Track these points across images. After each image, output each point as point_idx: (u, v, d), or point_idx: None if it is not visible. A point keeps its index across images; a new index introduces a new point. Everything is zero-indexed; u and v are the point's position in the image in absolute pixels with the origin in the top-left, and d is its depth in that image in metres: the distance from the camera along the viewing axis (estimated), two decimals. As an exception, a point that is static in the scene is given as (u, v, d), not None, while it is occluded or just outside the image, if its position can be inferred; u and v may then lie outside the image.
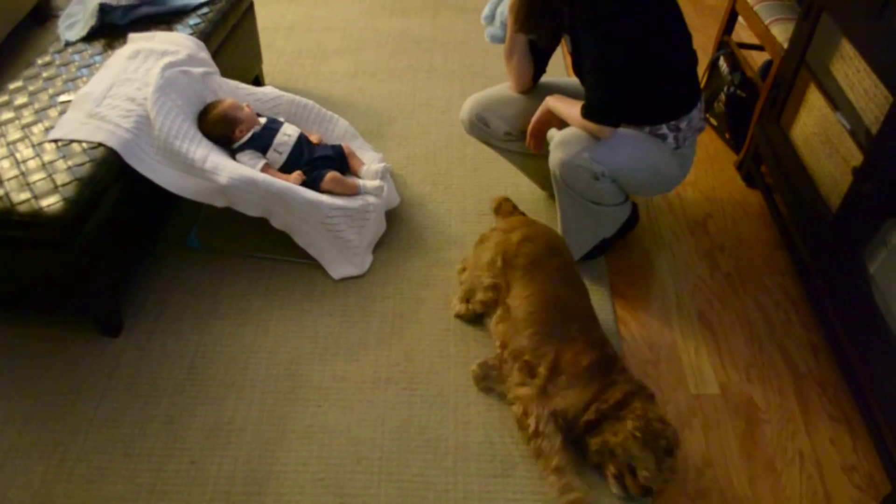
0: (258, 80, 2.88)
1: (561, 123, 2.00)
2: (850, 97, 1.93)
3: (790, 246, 2.24)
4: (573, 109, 1.90)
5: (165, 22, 2.40)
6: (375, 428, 1.78)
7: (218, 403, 1.82)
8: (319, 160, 2.22)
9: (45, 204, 1.74)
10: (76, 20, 2.37)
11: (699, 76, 2.01)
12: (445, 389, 1.86)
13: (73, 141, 1.91)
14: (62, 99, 2.06)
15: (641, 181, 2.01)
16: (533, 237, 1.92)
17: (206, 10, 2.48)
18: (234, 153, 2.18)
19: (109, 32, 2.33)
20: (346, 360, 1.93)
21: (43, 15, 3.28)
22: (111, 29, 2.34)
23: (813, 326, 2.06)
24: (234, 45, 2.61)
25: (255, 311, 2.06)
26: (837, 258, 1.90)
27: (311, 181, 2.16)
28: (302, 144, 2.23)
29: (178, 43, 2.26)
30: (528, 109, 2.10)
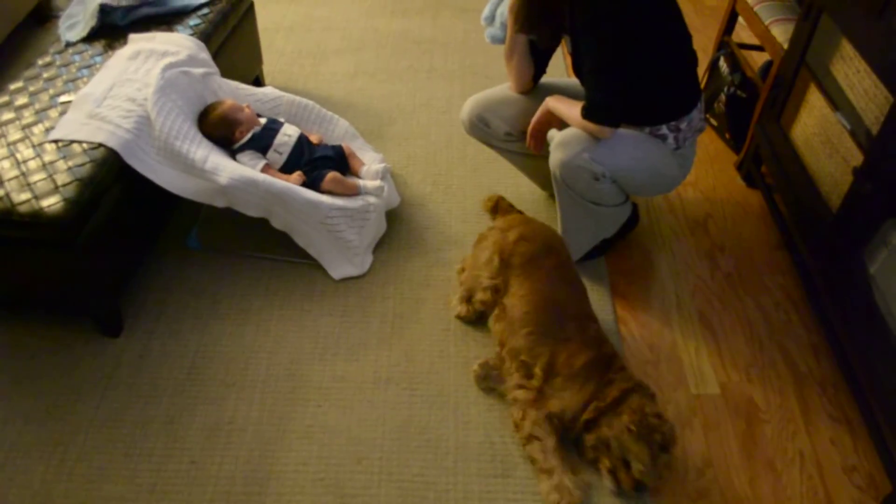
0: (258, 80, 2.88)
1: (561, 124, 2.00)
2: (850, 97, 1.93)
3: (790, 246, 2.24)
4: (573, 110, 1.90)
5: (166, 23, 2.40)
6: (376, 428, 1.78)
7: (218, 403, 1.83)
8: (320, 160, 2.22)
9: (45, 204, 1.74)
10: (77, 21, 2.38)
11: (699, 76, 2.01)
12: (446, 389, 1.86)
13: (73, 141, 1.91)
14: (63, 99, 2.06)
15: (641, 182, 2.01)
16: (529, 236, 1.91)
17: (206, 10, 2.48)
18: (234, 154, 2.18)
19: (110, 33, 2.34)
20: (346, 360, 1.93)
21: (43, 15, 3.28)
22: (112, 29, 2.35)
23: (813, 326, 2.06)
24: (234, 45, 2.61)
25: (255, 311, 2.06)
26: (838, 258, 1.90)
27: (311, 181, 2.16)
28: (302, 145, 2.23)
29: (178, 43, 2.26)
30: (528, 110, 2.10)
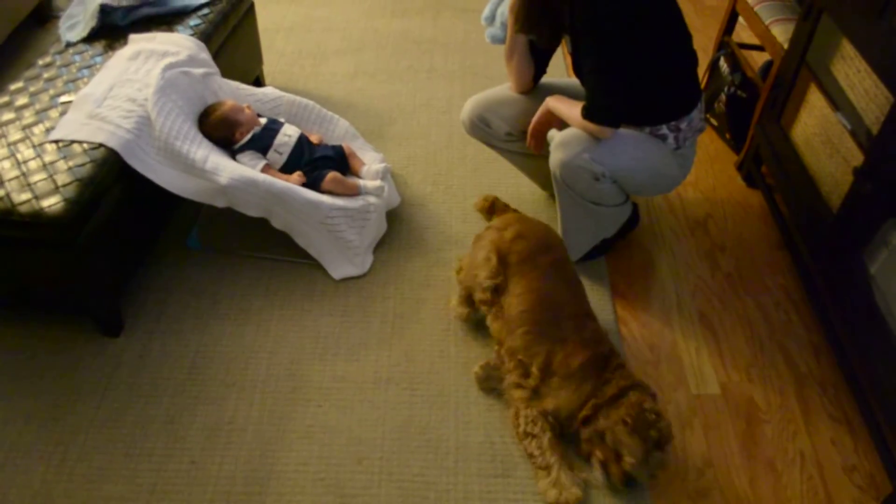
0: (258, 80, 2.88)
1: (561, 124, 2.00)
2: (850, 97, 1.93)
3: (791, 246, 2.24)
4: (573, 110, 1.90)
5: (166, 23, 2.40)
6: (376, 428, 1.78)
7: (218, 403, 1.82)
8: (320, 160, 2.22)
9: (45, 204, 1.74)
10: (77, 21, 2.38)
11: (699, 76, 2.01)
12: (446, 389, 1.86)
13: (73, 141, 1.91)
14: (63, 100, 2.06)
15: (642, 182, 2.01)
16: (526, 234, 1.90)
17: (206, 10, 2.48)
18: (234, 154, 2.18)
19: (110, 33, 2.34)
20: (346, 360, 1.93)
21: (44, 16, 3.28)
22: (112, 30, 2.35)
23: (813, 326, 2.06)
24: (234, 45, 2.62)
25: (255, 311, 2.06)
26: (838, 258, 1.90)
27: (311, 181, 2.16)
28: (302, 145, 2.23)
29: (178, 44, 2.26)
30: (528, 110, 2.10)
